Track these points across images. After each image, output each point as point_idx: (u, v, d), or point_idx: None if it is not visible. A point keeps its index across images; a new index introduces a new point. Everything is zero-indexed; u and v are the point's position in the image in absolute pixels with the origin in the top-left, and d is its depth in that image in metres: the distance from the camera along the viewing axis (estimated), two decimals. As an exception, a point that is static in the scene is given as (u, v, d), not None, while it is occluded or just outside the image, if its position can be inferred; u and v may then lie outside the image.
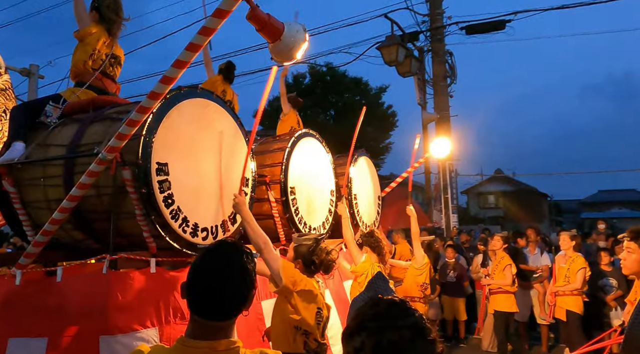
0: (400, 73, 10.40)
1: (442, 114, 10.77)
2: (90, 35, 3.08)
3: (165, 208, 2.64)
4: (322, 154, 4.24)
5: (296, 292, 2.42)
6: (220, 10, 2.17)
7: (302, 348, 2.40)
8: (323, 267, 2.60)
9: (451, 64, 12.13)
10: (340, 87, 25.55)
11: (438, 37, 11.20)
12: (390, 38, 9.78)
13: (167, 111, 2.71)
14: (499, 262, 5.86)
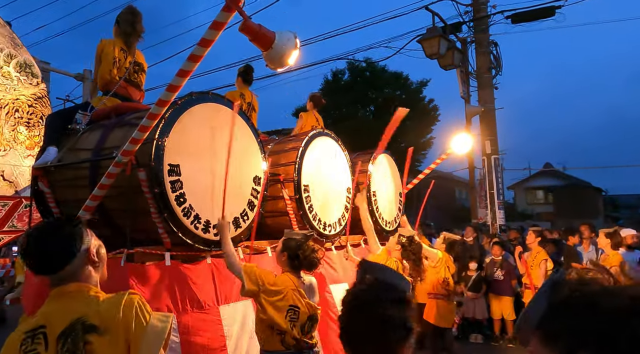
0: (442, 66, 10.18)
1: (487, 107, 10.32)
2: (105, 48, 3.37)
3: (178, 206, 2.86)
4: (338, 153, 4.35)
5: (262, 292, 2.54)
6: (216, 23, 2.34)
7: (280, 345, 2.53)
8: (306, 263, 2.70)
9: (496, 55, 11.64)
10: (380, 83, 25.35)
11: (482, 28, 10.78)
12: (432, 30, 9.59)
13: (178, 116, 2.93)
14: (535, 257, 5.77)
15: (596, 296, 0.76)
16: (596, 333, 0.72)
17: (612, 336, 0.71)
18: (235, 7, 2.30)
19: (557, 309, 0.78)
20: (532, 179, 33.84)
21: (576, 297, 0.77)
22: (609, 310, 0.73)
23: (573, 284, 0.81)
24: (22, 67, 6.07)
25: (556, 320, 0.78)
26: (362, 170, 4.81)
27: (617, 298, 0.75)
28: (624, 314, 0.73)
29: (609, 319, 0.72)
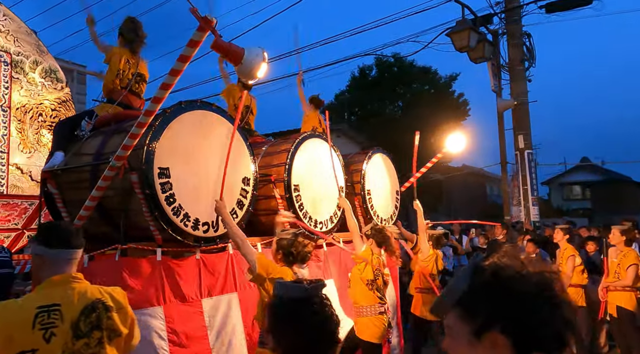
0: (472, 59, 9.95)
1: (520, 100, 10.01)
2: (113, 57, 3.69)
3: (168, 206, 3.14)
4: (329, 154, 4.53)
5: (269, 279, 2.78)
6: (192, 41, 2.59)
7: None
8: (299, 257, 2.98)
9: (529, 47, 11.30)
10: (408, 78, 25.13)
11: (514, 19, 10.50)
12: (461, 23, 9.36)
13: (168, 123, 3.19)
14: (563, 253, 5.78)
15: (510, 281, 0.91)
16: (508, 312, 0.88)
17: (521, 316, 0.88)
18: (209, 27, 2.53)
19: (477, 290, 0.93)
20: (568, 174, 32.68)
21: (494, 280, 0.92)
22: (520, 293, 0.89)
23: (492, 268, 0.95)
24: (47, 73, 6.54)
25: (475, 299, 0.92)
26: (356, 169, 4.99)
27: (526, 283, 0.91)
28: (531, 297, 0.89)
29: (519, 301, 0.88)
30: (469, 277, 0.95)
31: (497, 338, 0.87)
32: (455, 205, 27.39)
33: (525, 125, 10.26)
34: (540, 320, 0.87)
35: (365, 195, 4.97)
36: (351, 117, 25.25)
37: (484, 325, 0.89)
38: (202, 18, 2.50)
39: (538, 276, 0.92)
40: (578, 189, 34.27)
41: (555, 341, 0.89)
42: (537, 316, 0.88)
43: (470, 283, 0.94)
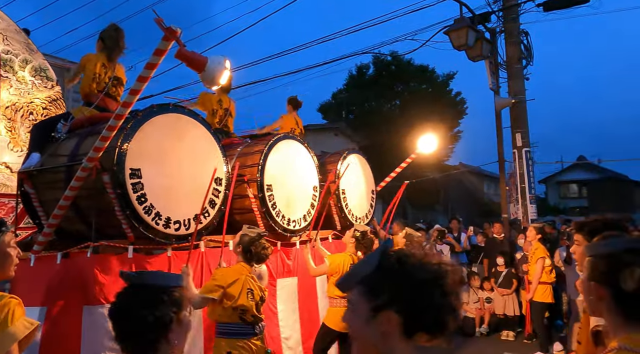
0: (470, 57, 9.91)
1: (518, 99, 9.95)
2: (88, 63, 3.83)
3: (139, 205, 3.28)
4: (303, 154, 4.68)
5: (226, 288, 2.99)
6: (158, 50, 2.74)
7: (238, 319, 2.99)
8: (256, 257, 3.16)
9: (527, 45, 11.29)
10: (406, 76, 25.18)
11: (512, 17, 10.45)
12: (459, 21, 9.32)
13: (140, 125, 3.34)
14: (533, 253, 5.86)
15: (411, 268, 1.03)
16: (405, 295, 1.00)
17: (415, 299, 1.00)
18: (173, 37, 2.68)
19: (381, 272, 1.04)
20: (564, 172, 32.82)
21: (398, 266, 1.04)
22: (417, 280, 1.01)
23: (398, 255, 1.07)
24: (37, 71, 6.64)
25: (378, 280, 1.03)
26: (330, 169, 5.14)
27: (424, 271, 1.03)
28: (426, 284, 1.01)
29: (416, 286, 1.01)
30: (376, 260, 1.06)
31: (391, 316, 1.00)
32: (452, 203, 27.50)
33: (523, 123, 10.29)
34: (431, 305, 1.00)
35: (340, 194, 5.12)
36: (349, 116, 25.37)
37: (382, 304, 1.01)
38: (167, 29, 2.64)
39: (436, 266, 1.05)
40: (575, 187, 34.41)
41: (439, 324, 1.02)
42: (428, 302, 1.00)
43: (376, 265, 1.05)
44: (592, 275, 1.32)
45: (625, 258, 1.27)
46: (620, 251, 1.30)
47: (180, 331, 1.37)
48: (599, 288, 1.29)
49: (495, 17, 10.96)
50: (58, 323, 3.11)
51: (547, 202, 31.93)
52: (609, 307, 1.28)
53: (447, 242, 8.16)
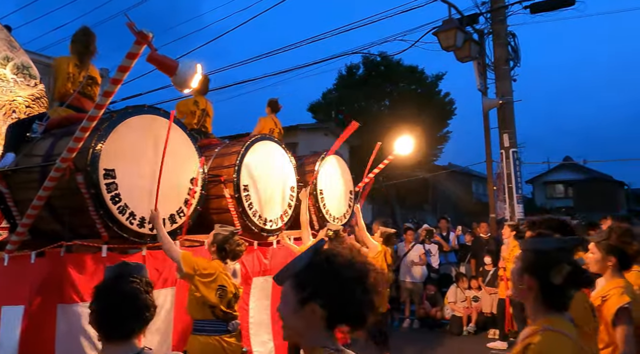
0: (458, 58, 10.08)
1: (505, 100, 10.07)
2: (61, 64, 3.87)
3: (113, 205, 3.34)
4: (280, 155, 4.75)
5: (197, 275, 3.02)
6: (130, 53, 2.80)
7: (211, 316, 3.03)
8: (231, 254, 3.23)
9: (514, 46, 11.45)
10: (395, 77, 25.32)
11: (500, 19, 10.57)
12: (448, 22, 9.50)
13: (114, 126, 3.39)
14: (511, 251, 5.92)
15: (337, 265, 1.15)
16: (329, 290, 1.11)
17: (338, 294, 1.11)
18: (145, 41, 2.74)
19: (311, 268, 1.16)
20: (551, 172, 33.27)
21: (325, 263, 1.15)
22: (342, 276, 1.12)
23: (327, 253, 1.18)
24: (20, 69, 6.61)
25: (307, 275, 1.15)
26: (309, 170, 5.22)
27: (349, 269, 1.15)
28: (349, 281, 1.13)
29: (340, 282, 1.12)
30: (308, 257, 1.18)
31: (316, 308, 1.11)
32: (441, 203, 27.74)
33: (510, 124, 10.44)
34: (352, 300, 1.11)
35: (318, 195, 5.21)
36: (338, 116, 25.46)
37: (307, 296, 1.12)
38: (138, 33, 2.70)
39: (360, 265, 1.16)
40: (561, 187, 34.91)
41: (359, 319, 1.14)
42: (350, 297, 1.11)
43: (308, 262, 1.16)
44: (525, 267, 1.50)
45: (556, 256, 1.46)
46: (552, 249, 1.49)
47: None
48: (530, 279, 1.48)
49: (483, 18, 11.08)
50: (34, 321, 3.15)
51: (534, 202, 32.35)
52: (535, 295, 1.47)
53: (435, 241, 8.29)
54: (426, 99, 24.76)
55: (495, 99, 10.63)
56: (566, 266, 1.43)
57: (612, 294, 2.28)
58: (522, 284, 1.51)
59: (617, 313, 2.19)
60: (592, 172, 31.77)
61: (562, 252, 1.48)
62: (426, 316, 7.47)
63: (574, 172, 32.45)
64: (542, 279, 1.45)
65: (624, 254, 2.40)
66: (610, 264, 2.40)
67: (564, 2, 10.20)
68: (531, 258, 1.51)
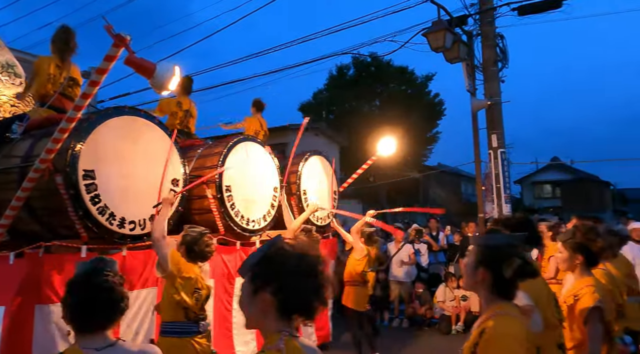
0: (447, 59, 9.91)
1: (493, 100, 10.02)
2: (42, 64, 3.87)
3: (93, 206, 3.35)
4: (264, 156, 4.78)
5: (179, 277, 3.03)
6: (108, 56, 2.82)
7: (183, 317, 3.03)
8: (201, 255, 3.20)
9: (502, 48, 11.54)
10: (386, 77, 25.46)
11: (488, 20, 10.61)
12: (437, 23, 9.35)
13: (94, 127, 3.40)
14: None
15: (286, 258, 1.23)
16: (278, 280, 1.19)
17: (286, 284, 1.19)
18: (123, 44, 2.76)
19: (263, 261, 1.24)
20: (539, 173, 33.67)
21: (275, 256, 1.24)
22: (290, 268, 1.21)
23: (278, 247, 1.26)
24: (4, 68, 6.56)
25: (260, 267, 1.24)
26: (292, 171, 5.26)
27: (299, 262, 1.23)
28: (297, 273, 1.21)
29: (288, 274, 1.20)
30: (263, 251, 1.27)
31: (266, 297, 1.19)
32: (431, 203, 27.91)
33: (498, 124, 10.51)
34: (299, 290, 1.19)
35: (301, 195, 5.25)
36: (329, 116, 25.52)
37: (259, 286, 1.21)
38: (116, 36, 2.72)
39: (309, 258, 1.24)
40: (549, 187, 35.32)
41: (307, 307, 1.22)
42: (297, 287, 1.19)
43: (262, 255, 1.25)
44: (479, 261, 1.64)
45: (507, 251, 1.60)
46: (503, 245, 1.63)
47: None
48: (484, 272, 1.62)
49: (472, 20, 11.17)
50: (14, 322, 3.16)
51: (522, 202, 32.69)
52: (487, 286, 1.62)
53: (425, 241, 8.37)
54: (416, 99, 24.93)
55: (484, 100, 10.70)
56: (516, 260, 1.57)
57: (584, 293, 2.35)
58: (476, 276, 1.63)
59: (589, 312, 2.27)
60: (579, 172, 32.22)
61: (511, 247, 1.62)
62: (415, 315, 7.55)
63: (562, 172, 32.88)
64: (495, 271, 1.59)
65: (590, 251, 2.49)
66: (578, 262, 2.49)
67: (551, 4, 10.32)
68: (484, 253, 1.64)
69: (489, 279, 1.61)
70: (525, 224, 2.19)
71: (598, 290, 2.37)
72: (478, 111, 10.94)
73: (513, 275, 1.57)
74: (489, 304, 1.64)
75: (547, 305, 2.02)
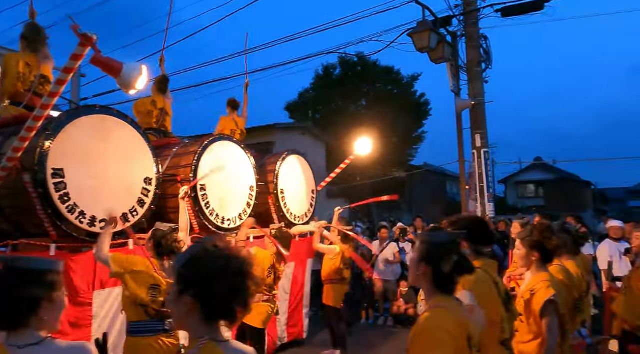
0: (432, 60, 10.10)
1: (477, 101, 10.19)
2: (10, 61, 3.84)
3: (62, 204, 3.34)
4: (239, 155, 4.81)
5: (127, 273, 3.03)
6: (74, 55, 2.81)
7: (145, 316, 3.01)
8: (168, 250, 3.19)
9: (486, 49, 11.65)
10: (372, 77, 25.53)
11: (472, 21, 10.71)
12: (422, 24, 9.52)
13: (63, 126, 3.40)
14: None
15: (206, 261, 1.24)
16: (198, 284, 1.21)
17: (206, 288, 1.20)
18: (89, 44, 2.76)
19: (189, 262, 1.26)
20: (522, 172, 34.13)
21: (196, 259, 1.25)
22: (210, 272, 1.22)
23: (200, 250, 1.27)
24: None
25: (182, 270, 1.25)
26: (270, 170, 5.29)
27: (221, 265, 1.24)
28: (218, 276, 1.21)
29: (208, 277, 1.21)
30: (190, 253, 1.29)
31: (188, 300, 1.20)
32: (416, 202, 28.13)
33: (482, 124, 10.64)
34: (219, 294, 1.20)
35: (279, 194, 5.28)
36: (315, 115, 25.55)
37: (182, 289, 1.23)
38: (82, 35, 2.72)
39: (232, 262, 1.25)
40: (532, 187, 35.86)
41: (228, 312, 1.23)
42: (217, 291, 1.21)
43: (187, 258, 1.27)
44: (421, 257, 1.73)
45: (446, 247, 1.70)
46: (444, 242, 1.72)
47: (52, 308, 1.52)
48: (426, 267, 1.71)
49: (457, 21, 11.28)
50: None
51: (506, 201, 33.11)
52: (428, 281, 1.71)
53: (409, 239, 8.45)
54: (402, 99, 25.06)
55: (468, 100, 10.80)
56: (454, 257, 1.67)
57: (539, 288, 2.48)
58: (419, 271, 1.72)
59: (544, 306, 2.39)
60: (562, 172, 32.76)
61: (451, 245, 1.71)
62: (400, 313, 7.61)
63: (545, 172, 33.38)
64: (435, 267, 1.68)
65: (545, 249, 2.62)
66: (535, 259, 2.61)
67: (534, 6, 10.47)
68: (426, 249, 1.73)
69: (430, 274, 1.69)
70: (478, 224, 2.27)
71: (553, 285, 2.48)
72: (462, 111, 11.05)
73: (451, 270, 1.66)
74: (429, 297, 1.73)
75: (492, 303, 2.09)
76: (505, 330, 2.08)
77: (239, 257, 1.27)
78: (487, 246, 2.32)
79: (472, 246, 2.25)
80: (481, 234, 2.28)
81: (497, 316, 2.07)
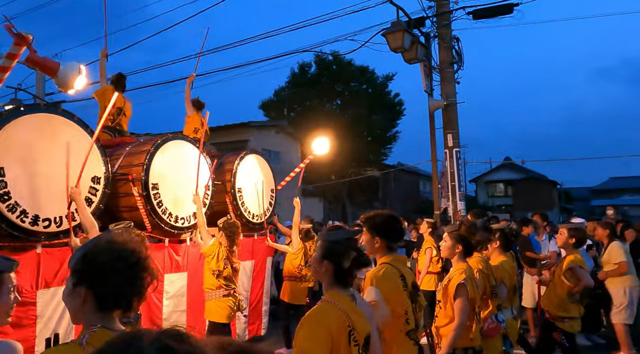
0: (406, 60, 10.26)
1: (449, 101, 10.39)
2: None
3: (2, 203, 3.31)
4: (195, 155, 4.81)
5: None
6: (10, 54, 2.81)
7: None
8: None
9: (458, 50, 11.82)
10: (347, 76, 25.65)
11: (445, 23, 10.83)
12: (396, 24, 9.61)
13: (3, 124, 3.35)
14: (424, 244, 6.50)
15: (99, 254, 1.27)
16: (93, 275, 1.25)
17: (101, 279, 1.24)
18: (24, 43, 2.75)
19: (84, 255, 1.30)
20: (493, 172, 34.94)
21: (89, 251, 1.30)
22: (102, 264, 1.26)
23: (98, 243, 1.32)
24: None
25: (80, 261, 1.29)
26: (228, 169, 5.32)
27: (114, 257, 1.28)
28: (113, 268, 1.26)
29: (101, 269, 1.25)
30: (85, 246, 1.34)
31: (82, 291, 1.25)
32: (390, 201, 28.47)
33: (453, 125, 10.83)
34: (113, 284, 1.26)
35: (236, 193, 5.32)
36: (290, 114, 25.57)
37: (76, 281, 1.27)
38: (17, 34, 2.72)
39: (126, 253, 1.29)
40: (502, 186, 36.78)
41: (123, 301, 1.28)
42: (111, 281, 1.26)
43: (84, 250, 1.32)
44: (323, 254, 1.82)
45: (345, 245, 1.80)
46: (343, 240, 1.82)
47: None
48: (327, 264, 1.80)
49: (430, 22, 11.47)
50: None
51: (477, 200, 33.86)
52: (329, 276, 1.80)
53: None
54: (376, 99, 25.27)
55: (440, 101, 10.99)
56: (352, 253, 1.77)
57: (454, 275, 2.81)
58: (321, 268, 1.81)
59: (456, 289, 2.72)
60: (530, 172, 33.71)
61: (350, 242, 1.81)
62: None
63: (514, 172, 34.27)
64: (336, 263, 1.77)
65: (468, 243, 2.92)
66: (458, 251, 2.92)
67: (503, 10, 10.75)
68: (327, 247, 1.82)
69: (332, 270, 1.79)
70: (390, 221, 2.39)
71: (466, 272, 2.78)
72: (435, 111, 11.26)
73: (350, 266, 1.77)
74: (326, 290, 1.82)
75: (397, 297, 2.22)
76: (410, 322, 2.21)
77: (135, 250, 1.32)
78: (397, 242, 2.45)
79: (384, 241, 2.36)
80: (392, 231, 2.40)
81: (402, 309, 2.20)
